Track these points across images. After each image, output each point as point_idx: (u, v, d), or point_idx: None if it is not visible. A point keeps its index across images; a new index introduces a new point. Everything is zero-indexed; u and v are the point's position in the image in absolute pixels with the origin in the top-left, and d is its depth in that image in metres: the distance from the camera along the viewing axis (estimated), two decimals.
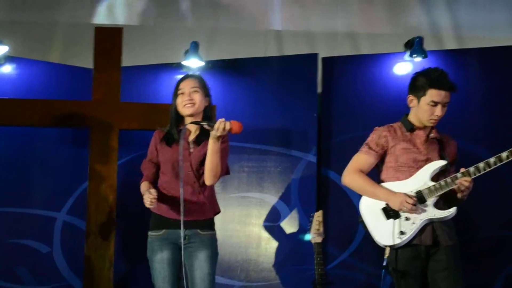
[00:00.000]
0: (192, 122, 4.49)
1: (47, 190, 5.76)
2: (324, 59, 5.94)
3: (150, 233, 4.58)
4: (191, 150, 4.57)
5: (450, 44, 6.18)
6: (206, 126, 4.41)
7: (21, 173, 5.75)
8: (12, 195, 5.68)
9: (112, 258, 5.32)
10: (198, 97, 4.60)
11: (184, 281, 4.46)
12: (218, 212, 4.66)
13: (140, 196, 4.56)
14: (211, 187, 4.60)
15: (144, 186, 4.60)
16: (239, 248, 5.38)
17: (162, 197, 4.54)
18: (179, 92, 4.61)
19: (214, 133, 4.35)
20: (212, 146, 4.41)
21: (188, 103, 4.58)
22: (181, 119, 4.65)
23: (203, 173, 4.52)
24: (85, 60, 5.78)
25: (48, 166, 5.79)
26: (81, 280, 5.45)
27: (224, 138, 4.48)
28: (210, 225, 4.60)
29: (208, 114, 4.67)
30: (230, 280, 5.31)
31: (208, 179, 4.51)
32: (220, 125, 4.31)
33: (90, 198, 5.41)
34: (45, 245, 5.68)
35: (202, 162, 4.53)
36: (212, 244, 4.57)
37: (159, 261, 4.49)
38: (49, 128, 5.65)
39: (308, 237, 4.81)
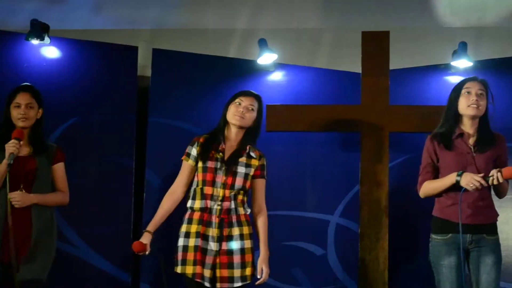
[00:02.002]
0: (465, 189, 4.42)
1: (321, 194, 5.86)
2: None
3: (434, 236, 4.54)
4: (474, 154, 4.48)
5: None
6: (484, 184, 4.36)
7: (296, 177, 5.89)
8: (290, 199, 5.82)
9: (387, 261, 5.28)
10: (483, 102, 4.51)
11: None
12: (497, 215, 4.57)
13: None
14: (491, 191, 4.55)
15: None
16: None
17: (446, 202, 4.48)
18: (464, 91, 4.53)
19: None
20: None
21: (474, 103, 4.49)
22: (459, 118, 4.57)
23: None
24: (352, 64, 5.79)
25: (320, 170, 5.88)
26: (356, 282, 5.46)
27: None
28: (495, 229, 4.52)
29: (487, 117, 4.60)
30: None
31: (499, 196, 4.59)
32: (493, 179, 4.33)
33: (362, 200, 5.41)
34: (320, 247, 5.78)
35: (488, 166, 4.43)
36: (497, 249, 4.50)
37: (447, 266, 4.45)
38: (320, 132, 5.70)
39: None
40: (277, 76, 6.03)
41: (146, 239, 4.56)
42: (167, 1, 6.24)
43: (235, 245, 4.51)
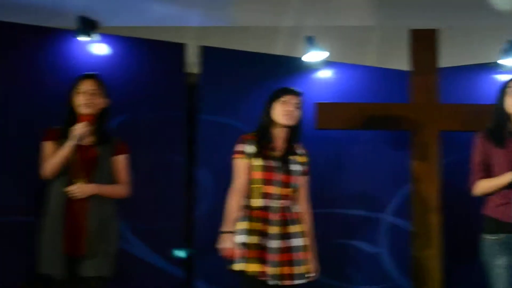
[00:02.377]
0: None
1: (372, 192, 5.86)
2: None
3: (486, 236, 4.51)
4: None
5: None
6: None
7: (347, 175, 5.90)
8: (341, 197, 5.85)
9: (440, 259, 5.28)
10: None
11: None
12: None
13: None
14: None
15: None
16: None
17: (497, 201, 4.47)
18: (509, 90, 4.53)
19: None
20: None
21: None
22: (508, 117, 4.55)
23: None
24: (401, 62, 5.78)
25: (371, 168, 5.88)
26: (410, 281, 5.45)
27: None
28: None
29: None
30: None
31: None
32: None
33: (414, 199, 5.41)
34: (372, 245, 5.78)
35: None
36: None
37: (501, 267, 4.42)
38: (369, 131, 5.71)
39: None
40: (324, 74, 6.01)
41: (231, 241, 4.49)
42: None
43: (296, 242, 4.52)
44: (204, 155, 5.73)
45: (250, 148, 4.62)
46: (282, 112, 4.62)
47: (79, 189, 4.56)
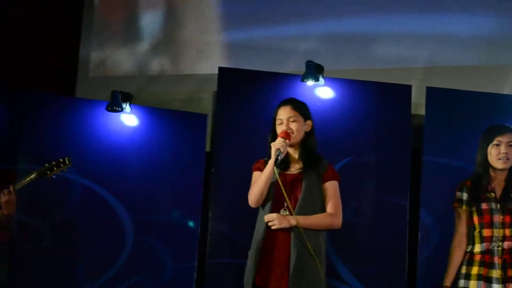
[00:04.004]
0: None
1: None
2: None
3: None
4: None
5: None
6: None
7: None
8: None
9: None
10: None
11: None
12: None
13: None
14: None
15: None
16: None
17: None
18: None
19: None
20: None
21: None
22: None
23: None
24: None
25: None
26: None
27: None
28: None
29: None
30: None
31: None
32: None
33: None
34: None
35: None
36: None
37: None
38: None
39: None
40: None
41: None
42: (440, 39, 6.17)
43: None
44: (428, 197, 5.64)
45: (466, 195, 4.62)
46: (497, 157, 4.58)
47: (277, 219, 4.33)
